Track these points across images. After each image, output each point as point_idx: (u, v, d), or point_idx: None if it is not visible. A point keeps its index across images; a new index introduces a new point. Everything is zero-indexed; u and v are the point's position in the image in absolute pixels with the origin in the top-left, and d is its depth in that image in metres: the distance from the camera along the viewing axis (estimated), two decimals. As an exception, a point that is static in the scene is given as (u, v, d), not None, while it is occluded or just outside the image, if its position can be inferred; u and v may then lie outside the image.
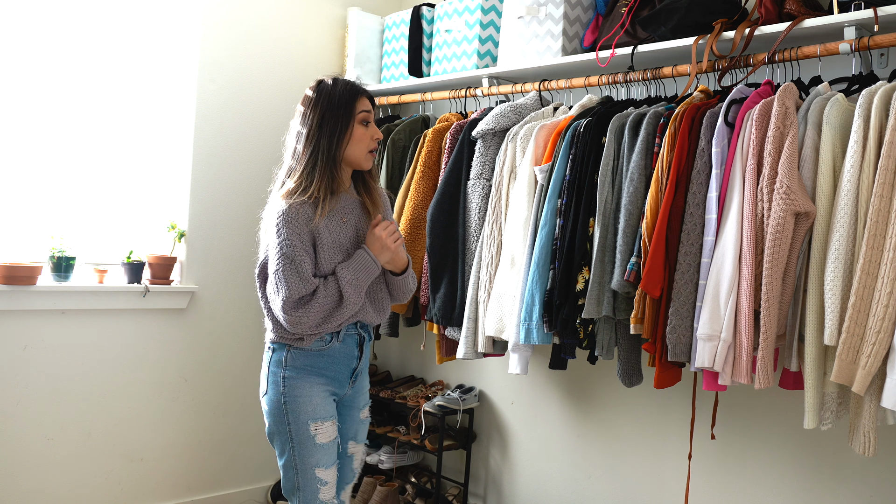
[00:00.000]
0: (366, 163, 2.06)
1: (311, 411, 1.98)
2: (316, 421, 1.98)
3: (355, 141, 2.01)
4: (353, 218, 2.07)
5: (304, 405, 1.98)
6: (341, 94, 2.00)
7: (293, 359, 2.00)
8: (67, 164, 2.91)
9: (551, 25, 2.67)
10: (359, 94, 2.03)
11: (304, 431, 1.97)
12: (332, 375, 2.04)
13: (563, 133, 2.42)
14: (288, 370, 2.00)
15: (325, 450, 1.99)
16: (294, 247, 1.91)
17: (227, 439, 3.26)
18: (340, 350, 2.05)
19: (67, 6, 2.86)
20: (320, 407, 1.99)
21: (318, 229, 1.96)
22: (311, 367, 2.01)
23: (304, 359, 2.01)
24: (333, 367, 2.04)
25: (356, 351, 2.09)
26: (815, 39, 2.16)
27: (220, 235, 3.19)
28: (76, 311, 2.84)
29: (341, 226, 2.03)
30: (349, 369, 2.08)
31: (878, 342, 1.74)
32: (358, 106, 2.01)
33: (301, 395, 1.98)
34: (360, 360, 2.11)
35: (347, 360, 2.07)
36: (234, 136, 3.21)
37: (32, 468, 2.76)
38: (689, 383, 2.48)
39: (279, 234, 1.93)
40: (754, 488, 2.45)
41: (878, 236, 1.75)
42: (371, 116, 2.05)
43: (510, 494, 3.14)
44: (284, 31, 3.34)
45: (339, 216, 2.03)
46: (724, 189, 2.01)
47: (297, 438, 1.97)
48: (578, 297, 2.27)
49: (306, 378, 2.00)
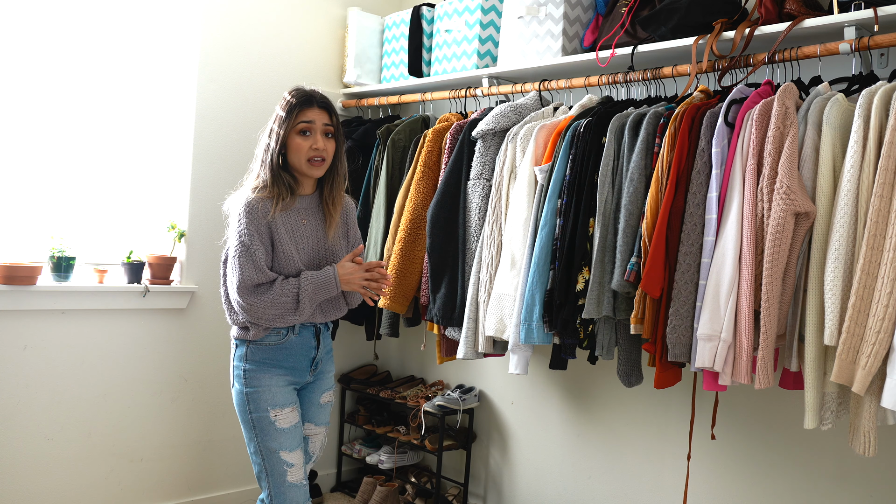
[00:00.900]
0: (310, 171, 2.15)
1: (271, 399, 2.12)
2: (276, 408, 2.12)
3: (293, 151, 2.13)
4: (313, 220, 2.20)
5: (264, 394, 2.12)
6: (289, 103, 2.13)
7: (252, 353, 2.14)
8: (67, 164, 2.91)
9: (551, 25, 2.67)
10: (303, 105, 2.12)
11: (266, 418, 2.11)
12: (291, 366, 2.18)
13: (563, 133, 2.42)
14: (248, 364, 2.14)
15: (287, 434, 2.12)
16: (251, 236, 2.06)
17: (226, 439, 3.26)
18: (297, 342, 2.18)
19: (67, 6, 2.86)
20: (279, 395, 2.13)
21: (274, 224, 2.10)
22: (270, 360, 2.14)
23: (262, 353, 2.14)
24: (291, 359, 2.17)
25: (313, 341, 2.22)
26: (815, 39, 2.16)
27: (220, 235, 3.17)
28: (76, 311, 2.84)
29: (301, 225, 2.17)
30: (308, 359, 2.21)
31: (878, 342, 1.74)
32: (298, 116, 2.12)
33: (261, 385, 2.12)
34: (319, 350, 2.23)
35: (305, 350, 2.20)
36: (233, 136, 3.21)
37: (32, 468, 2.76)
38: (689, 383, 2.48)
39: (240, 224, 2.08)
40: (754, 488, 2.45)
41: (878, 236, 1.75)
42: (313, 126, 2.13)
43: (510, 494, 3.14)
44: (284, 31, 3.34)
45: (299, 216, 2.17)
46: (724, 189, 2.01)
47: (259, 426, 2.11)
48: (578, 297, 2.27)
49: (265, 370, 2.14)
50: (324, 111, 2.16)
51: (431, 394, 3.25)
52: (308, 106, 2.13)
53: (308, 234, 2.18)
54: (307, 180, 2.20)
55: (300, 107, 2.12)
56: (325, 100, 2.18)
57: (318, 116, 2.14)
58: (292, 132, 2.12)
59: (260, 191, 2.11)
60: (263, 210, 2.08)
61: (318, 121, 2.14)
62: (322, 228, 2.22)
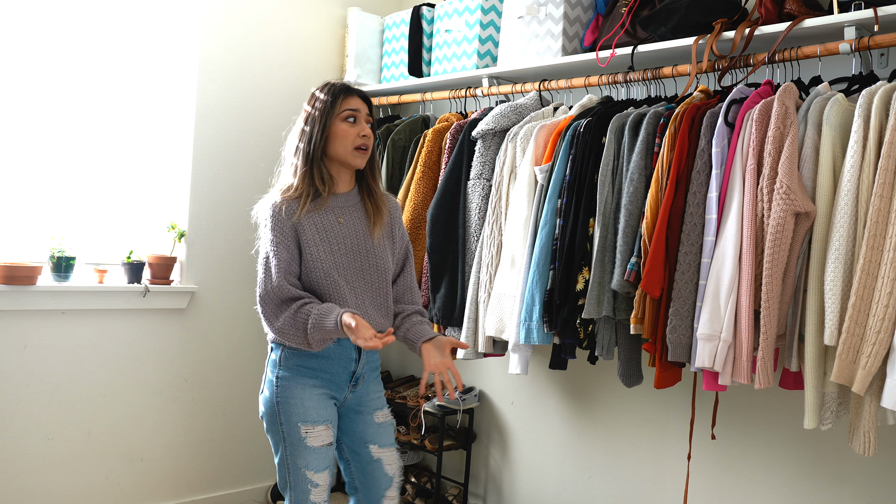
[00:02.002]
0: (354, 160, 2.02)
1: (303, 414, 1.95)
2: (307, 423, 1.95)
3: (338, 138, 2.00)
4: (351, 219, 2.04)
5: (296, 407, 1.96)
6: (327, 93, 2.02)
7: (286, 358, 1.99)
8: (67, 164, 2.91)
9: (551, 25, 2.66)
10: (344, 93, 2.02)
11: (296, 433, 1.95)
12: (328, 378, 2.00)
13: (563, 133, 2.42)
14: (282, 370, 1.99)
15: (316, 453, 1.96)
16: (275, 244, 1.94)
17: (227, 439, 3.26)
18: (336, 351, 2.00)
19: (67, 6, 2.86)
20: (312, 410, 1.96)
21: (301, 226, 1.96)
22: (305, 368, 1.98)
23: (297, 359, 1.99)
24: (329, 369, 2.00)
25: (354, 353, 2.03)
26: (815, 39, 2.16)
27: (220, 235, 3.19)
28: (76, 311, 2.84)
29: (335, 224, 2.01)
30: (347, 372, 2.03)
31: (878, 342, 1.74)
32: (342, 104, 2.01)
33: (293, 396, 1.96)
34: (359, 364, 2.05)
35: (344, 362, 2.02)
36: (234, 136, 3.21)
37: (32, 468, 2.76)
38: (689, 383, 2.48)
39: (265, 230, 1.98)
40: (754, 488, 2.45)
41: (878, 236, 1.75)
42: (359, 115, 2.02)
43: (510, 494, 3.14)
44: (284, 31, 3.34)
45: (334, 215, 2.02)
46: (724, 189, 2.01)
47: (288, 439, 1.96)
48: (578, 297, 2.27)
49: (300, 379, 1.98)
50: (363, 101, 2.05)
51: (431, 394, 3.25)
52: (350, 94, 2.03)
53: (345, 234, 2.01)
54: (343, 175, 2.06)
55: (344, 94, 2.01)
56: (363, 91, 2.08)
57: (361, 105, 2.03)
58: (336, 119, 2.00)
59: (286, 191, 1.99)
60: (288, 212, 1.96)
61: (362, 109, 2.03)
62: (363, 227, 2.05)
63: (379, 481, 2.08)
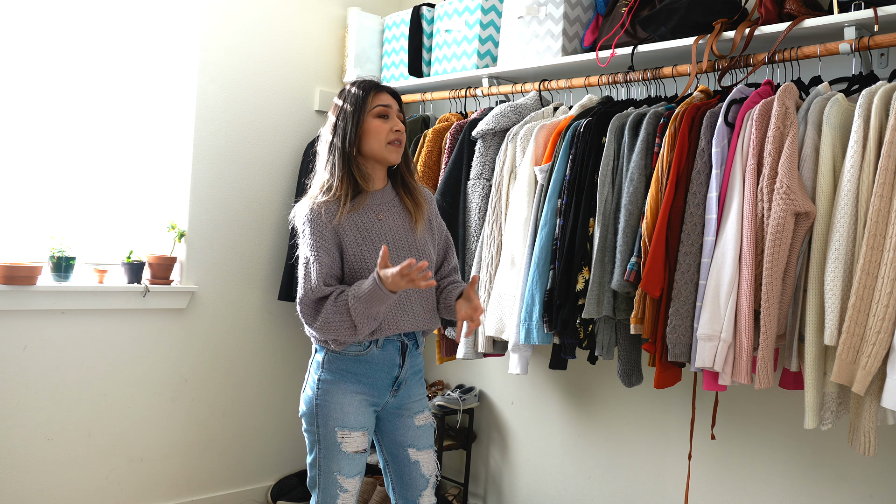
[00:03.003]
0: (389, 155, 1.99)
1: (341, 419, 1.94)
2: (344, 429, 1.94)
3: (371, 134, 1.97)
4: (391, 215, 2.01)
5: (335, 411, 1.94)
6: (356, 91, 2.00)
7: (330, 362, 1.97)
8: (67, 164, 2.91)
9: (551, 25, 2.67)
10: (374, 89, 2.01)
11: (332, 437, 1.94)
12: (371, 383, 1.98)
13: (563, 133, 2.42)
14: (325, 373, 1.97)
15: (350, 459, 1.95)
16: (315, 248, 1.90)
17: (227, 439, 3.26)
18: (380, 357, 1.98)
19: (67, 6, 2.86)
20: (351, 416, 1.95)
21: (342, 227, 1.93)
22: (348, 372, 1.97)
23: (340, 363, 1.97)
24: (372, 374, 1.98)
25: (398, 359, 2.00)
26: (815, 39, 2.16)
27: (220, 235, 3.19)
28: (76, 311, 2.84)
29: (376, 222, 1.98)
30: (390, 377, 2.00)
31: (878, 342, 1.74)
32: (372, 101, 1.99)
33: (333, 400, 1.95)
34: (402, 369, 2.01)
35: (388, 367, 1.99)
36: (234, 136, 3.21)
37: (32, 468, 2.76)
38: (689, 383, 2.48)
39: (303, 235, 1.94)
40: (754, 488, 2.45)
41: (878, 236, 1.75)
42: (391, 111, 2.00)
43: (510, 494, 3.14)
44: (284, 31, 3.34)
45: (373, 213, 1.99)
46: (724, 189, 2.01)
47: (323, 442, 1.95)
48: (578, 297, 2.27)
49: (341, 384, 1.96)
50: (393, 97, 2.03)
51: (431, 394, 3.25)
52: (381, 90, 2.01)
53: (387, 231, 1.98)
54: (378, 172, 2.03)
55: (375, 90, 2.00)
56: (394, 88, 2.07)
57: (391, 101, 2.02)
58: (369, 115, 1.98)
59: (325, 193, 1.95)
60: (328, 215, 1.92)
61: (393, 105, 2.02)
62: (405, 222, 2.02)
63: (416, 483, 2.07)
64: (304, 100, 3.42)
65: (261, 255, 3.31)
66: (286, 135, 3.37)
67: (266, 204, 3.32)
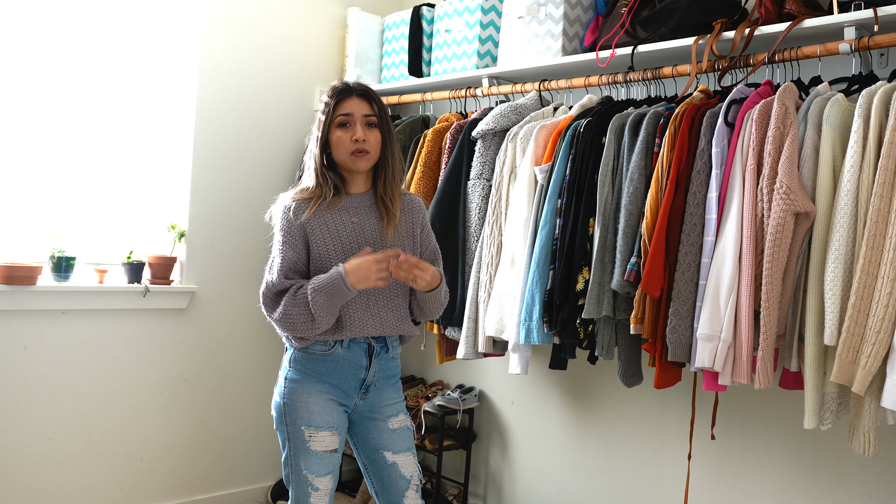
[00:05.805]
0: (353, 164, 1.99)
1: (307, 417, 1.95)
2: (310, 428, 1.94)
3: (335, 146, 1.99)
4: (366, 219, 2.02)
5: (301, 410, 1.95)
6: (326, 100, 2.02)
7: (297, 361, 1.99)
8: (68, 164, 2.91)
9: (551, 25, 2.67)
10: (339, 96, 2.00)
11: (299, 435, 1.95)
12: (336, 383, 1.98)
13: (563, 133, 2.42)
14: (291, 371, 1.99)
15: (319, 458, 1.95)
16: (281, 243, 1.96)
17: (227, 439, 3.26)
18: (345, 357, 1.98)
19: (67, 6, 2.86)
20: (317, 414, 1.95)
21: (310, 225, 1.96)
22: (313, 372, 1.97)
23: (307, 362, 1.98)
24: (337, 374, 1.98)
25: (364, 360, 1.99)
26: (815, 39, 2.16)
27: (220, 235, 3.19)
28: (76, 311, 2.84)
29: (349, 224, 1.99)
30: (356, 379, 1.99)
31: (878, 342, 1.74)
32: (336, 110, 1.99)
33: (299, 398, 1.96)
34: (370, 371, 2.00)
35: (353, 368, 1.99)
36: (234, 136, 3.21)
37: (32, 468, 2.76)
38: (689, 383, 2.48)
39: (273, 229, 2.01)
40: (754, 488, 2.45)
41: (878, 236, 1.75)
42: (352, 118, 1.98)
43: (510, 494, 3.14)
44: (284, 31, 3.34)
45: (348, 215, 2.00)
46: (724, 189, 2.01)
47: (293, 440, 1.96)
48: (578, 297, 2.27)
49: (308, 383, 1.97)
50: (363, 100, 2.00)
51: (431, 394, 3.25)
52: (346, 97, 1.99)
53: (358, 233, 1.99)
54: (357, 177, 2.04)
55: (337, 98, 1.99)
56: (365, 88, 2.02)
57: (356, 107, 1.98)
58: (332, 126, 1.98)
59: (300, 192, 2.01)
60: (297, 211, 1.96)
61: (357, 112, 1.98)
62: (378, 227, 2.01)
63: (396, 484, 2.05)
64: (304, 100, 3.42)
65: (261, 255, 3.31)
66: (286, 135, 3.37)
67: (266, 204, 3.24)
